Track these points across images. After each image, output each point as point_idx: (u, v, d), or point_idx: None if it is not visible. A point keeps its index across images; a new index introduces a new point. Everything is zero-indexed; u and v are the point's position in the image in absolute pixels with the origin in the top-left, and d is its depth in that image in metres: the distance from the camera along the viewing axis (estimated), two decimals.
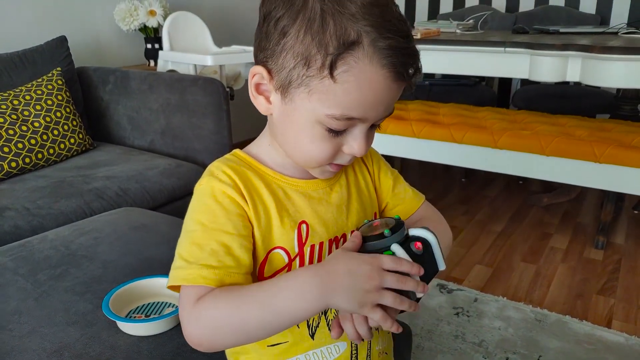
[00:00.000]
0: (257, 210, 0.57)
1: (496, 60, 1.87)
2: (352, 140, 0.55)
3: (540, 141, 1.81)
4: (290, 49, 0.51)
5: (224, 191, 0.56)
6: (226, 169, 0.58)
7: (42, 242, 1.17)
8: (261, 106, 0.57)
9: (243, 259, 0.55)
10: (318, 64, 0.49)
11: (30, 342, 0.84)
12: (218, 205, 0.56)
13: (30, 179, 1.59)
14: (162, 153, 1.90)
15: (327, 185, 0.63)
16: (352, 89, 0.50)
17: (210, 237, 0.54)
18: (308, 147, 0.55)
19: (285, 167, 0.61)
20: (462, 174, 2.79)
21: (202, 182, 0.58)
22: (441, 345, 1.43)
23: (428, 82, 2.80)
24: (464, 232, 2.13)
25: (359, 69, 0.49)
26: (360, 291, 0.49)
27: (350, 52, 0.49)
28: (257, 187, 0.59)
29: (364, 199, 0.66)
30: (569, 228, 2.17)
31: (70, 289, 0.97)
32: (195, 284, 0.52)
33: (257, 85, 0.56)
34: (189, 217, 0.57)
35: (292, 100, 0.53)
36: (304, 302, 0.50)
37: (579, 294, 1.69)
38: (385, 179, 0.70)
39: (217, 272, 0.53)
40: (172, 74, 1.97)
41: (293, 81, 0.52)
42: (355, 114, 0.52)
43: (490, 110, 2.26)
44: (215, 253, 0.53)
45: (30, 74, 1.86)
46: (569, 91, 2.71)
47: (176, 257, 0.55)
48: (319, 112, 0.52)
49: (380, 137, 2.14)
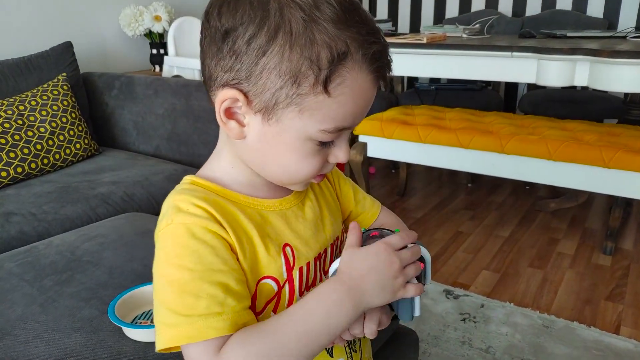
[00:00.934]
0: (240, 240, 0.52)
1: (503, 65, 1.86)
2: (337, 149, 0.54)
3: (548, 146, 1.79)
4: (274, 69, 0.47)
5: (203, 225, 0.50)
6: (196, 201, 0.51)
7: (47, 248, 1.17)
8: (233, 131, 0.51)
9: (243, 293, 0.50)
10: (310, 81, 0.47)
11: (36, 348, 0.84)
12: (200, 243, 0.49)
13: (36, 184, 1.59)
14: (167, 158, 1.90)
15: (299, 201, 0.60)
16: (346, 101, 0.49)
17: (202, 282, 0.47)
18: (298, 164, 0.52)
19: (255, 188, 0.57)
20: (468, 179, 2.77)
21: (170, 221, 0.50)
22: (448, 351, 1.42)
23: (434, 87, 2.80)
24: (470, 238, 2.11)
25: (352, 79, 0.48)
26: (389, 281, 0.50)
27: (343, 63, 0.47)
28: (235, 214, 0.53)
29: (332, 210, 0.65)
30: (576, 233, 2.15)
31: (76, 295, 0.97)
32: (205, 339, 0.46)
33: (227, 109, 0.51)
34: (167, 263, 0.49)
35: (278, 120, 0.49)
36: (342, 317, 0.49)
37: (587, 299, 1.67)
38: (345, 188, 0.69)
39: (227, 318, 0.47)
40: (177, 79, 1.97)
41: (280, 101, 0.48)
42: (347, 124, 0.51)
43: (497, 115, 2.25)
44: (214, 298, 0.47)
45: (36, 80, 1.87)
46: (576, 96, 2.70)
47: (163, 312, 0.48)
48: (311, 128, 0.49)
49: (386, 143, 2.13)
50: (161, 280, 0.49)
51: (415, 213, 2.36)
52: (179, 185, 0.56)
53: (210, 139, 1.85)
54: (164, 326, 0.48)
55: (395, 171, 2.95)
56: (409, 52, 2.02)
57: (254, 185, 0.57)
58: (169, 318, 0.47)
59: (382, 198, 2.56)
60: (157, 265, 0.51)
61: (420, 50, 1.99)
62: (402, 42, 2.05)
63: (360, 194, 0.71)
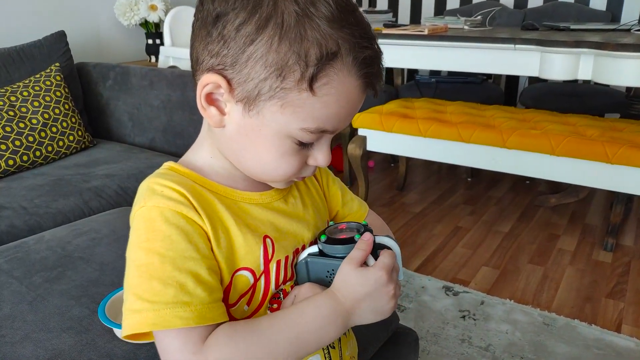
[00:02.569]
0: (215, 229, 0.50)
1: (506, 58, 1.83)
2: (317, 152, 0.52)
3: (550, 141, 1.76)
4: (261, 59, 0.45)
5: (177, 210, 0.48)
6: (172, 184, 0.50)
7: (38, 243, 1.14)
8: (213, 118, 0.50)
9: (214, 285, 0.49)
10: (296, 76, 0.45)
11: (24, 349, 0.81)
12: (173, 228, 0.47)
13: (28, 177, 1.56)
14: (163, 151, 1.87)
15: (281, 197, 0.58)
16: (330, 102, 0.47)
17: (172, 268, 0.46)
18: (275, 162, 0.51)
19: (234, 180, 0.55)
20: (468, 174, 2.75)
21: (143, 203, 0.49)
22: (447, 349, 1.40)
23: (434, 80, 2.76)
24: (470, 233, 2.09)
25: (339, 82, 0.47)
26: (383, 306, 0.52)
27: (331, 63, 0.45)
28: (212, 202, 0.52)
29: (318, 208, 0.63)
30: (577, 229, 2.12)
31: (66, 293, 0.94)
32: (170, 327, 0.45)
33: (209, 95, 0.49)
34: (137, 247, 0.48)
35: (259, 113, 0.48)
36: (333, 332, 0.51)
37: (588, 297, 1.65)
38: (334, 188, 0.68)
39: (194, 309, 0.46)
40: (173, 70, 1.93)
41: (263, 93, 0.47)
42: (329, 127, 0.49)
43: (498, 109, 2.22)
44: (183, 287, 0.46)
45: (29, 70, 1.83)
46: (578, 89, 2.67)
47: (131, 298, 0.46)
48: (292, 125, 0.48)
49: (385, 136, 2.10)
50: (130, 264, 0.48)
51: (414, 207, 2.33)
52: (158, 169, 0.55)
53: None
54: (129, 312, 0.46)
55: (395, 165, 2.92)
56: (410, 43, 1.98)
57: (233, 177, 0.55)
58: (135, 304, 0.46)
59: (381, 192, 2.54)
60: (129, 248, 0.49)
61: (421, 42, 1.96)
62: (402, 33, 2.01)
63: (348, 196, 0.69)
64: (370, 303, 0.52)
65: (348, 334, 0.65)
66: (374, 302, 0.52)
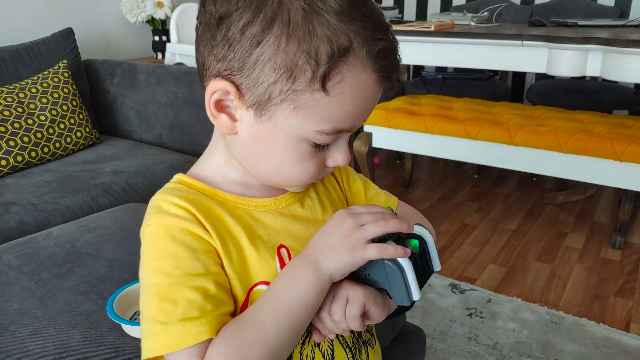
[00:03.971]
0: (225, 244, 0.48)
1: (513, 54, 1.82)
2: (335, 152, 0.50)
3: (559, 138, 1.75)
4: (269, 61, 0.43)
5: (183, 227, 0.47)
6: (178, 201, 0.48)
7: (47, 239, 1.14)
8: (224, 125, 0.48)
9: (224, 299, 0.47)
10: (307, 77, 0.43)
11: (33, 344, 0.81)
12: (179, 246, 0.46)
13: (36, 173, 1.56)
14: (170, 148, 1.87)
15: (296, 200, 0.56)
16: (345, 100, 0.45)
17: (180, 286, 0.45)
18: (292, 167, 0.49)
19: (247, 187, 0.53)
20: (475, 171, 2.74)
21: (149, 222, 0.48)
22: (454, 347, 1.39)
23: (441, 76, 2.75)
24: (476, 231, 2.08)
25: (353, 78, 0.44)
26: (341, 240, 0.47)
27: (344, 59, 0.43)
28: (221, 216, 0.50)
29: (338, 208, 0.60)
30: (584, 227, 2.11)
31: (75, 289, 0.95)
32: (182, 347, 0.44)
33: (218, 102, 0.47)
34: (146, 267, 0.47)
35: (271, 117, 0.46)
36: (304, 285, 0.46)
37: (596, 295, 1.64)
38: (355, 186, 0.64)
39: (205, 321, 0.44)
40: (179, 67, 1.94)
41: (274, 97, 0.44)
42: (346, 125, 0.47)
43: (505, 106, 2.21)
44: (192, 303, 0.44)
45: (37, 67, 1.83)
46: (586, 86, 2.65)
47: (147, 321, 0.46)
48: (307, 128, 0.46)
49: (391, 133, 2.09)
50: (143, 284, 0.47)
51: (420, 205, 2.33)
52: (168, 183, 0.54)
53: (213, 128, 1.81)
54: (145, 335, 0.46)
55: (400, 162, 2.91)
56: (416, 40, 1.97)
57: (246, 184, 0.53)
58: (151, 326, 0.45)
59: (387, 189, 2.49)
60: (140, 268, 0.49)
61: (428, 38, 1.95)
62: (409, 29, 2.00)
63: (372, 190, 0.66)
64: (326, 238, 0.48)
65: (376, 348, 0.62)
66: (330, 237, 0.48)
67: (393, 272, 0.47)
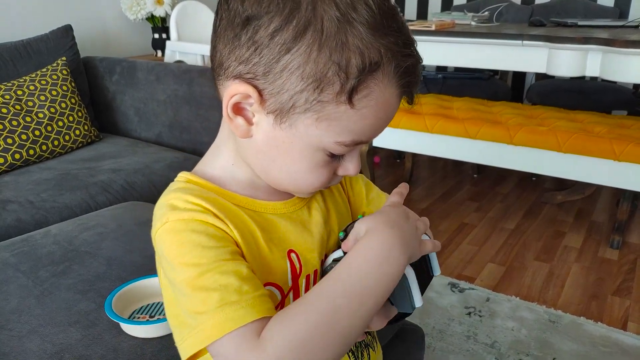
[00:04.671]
0: (245, 238, 0.47)
1: (513, 54, 1.82)
2: (348, 162, 0.50)
3: (558, 138, 1.75)
4: (297, 69, 0.42)
5: (201, 220, 0.45)
6: (192, 199, 0.47)
7: (45, 237, 1.14)
8: (239, 128, 0.47)
9: (258, 282, 0.45)
10: (335, 89, 0.42)
11: (30, 343, 0.81)
12: (202, 236, 0.44)
13: (34, 171, 1.56)
14: (169, 146, 1.87)
15: (304, 205, 0.55)
16: (369, 114, 0.44)
17: (212, 273, 0.43)
18: (306, 174, 0.48)
19: (256, 189, 0.52)
20: (474, 170, 2.74)
21: (165, 219, 0.46)
22: (453, 345, 1.39)
23: (441, 75, 2.74)
24: (476, 230, 2.09)
25: (379, 93, 0.44)
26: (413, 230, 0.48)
27: (373, 74, 0.42)
28: (238, 213, 0.49)
29: (342, 213, 0.60)
30: (583, 226, 2.11)
31: (73, 287, 0.94)
32: (225, 333, 0.41)
33: (236, 104, 0.46)
34: (172, 266, 0.44)
35: (292, 125, 0.45)
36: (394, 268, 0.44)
37: (594, 294, 1.64)
38: (357, 187, 0.64)
39: (245, 304, 0.42)
40: (179, 64, 1.93)
41: (298, 106, 0.43)
42: (364, 138, 0.47)
43: (505, 105, 2.21)
44: (228, 287, 0.42)
45: (35, 64, 1.83)
46: (585, 86, 2.65)
47: (184, 317, 0.43)
48: (327, 139, 0.45)
49: (392, 132, 2.09)
50: (173, 286, 0.45)
51: (419, 204, 2.33)
52: (172, 183, 0.52)
53: (212, 126, 1.81)
54: (188, 328, 0.43)
55: (400, 161, 2.91)
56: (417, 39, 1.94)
57: (255, 185, 0.52)
58: (189, 319, 0.43)
59: (386, 188, 2.50)
60: (165, 273, 0.46)
61: (429, 37, 1.94)
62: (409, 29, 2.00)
63: (373, 192, 0.65)
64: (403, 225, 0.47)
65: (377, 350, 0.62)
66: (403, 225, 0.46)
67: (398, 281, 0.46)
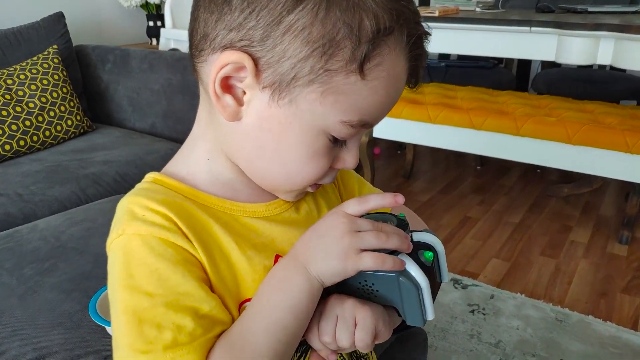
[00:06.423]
0: (211, 257, 0.42)
1: (520, 41, 1.75)
2: (346, 152, 0.44)
3: (567, 129, 1.69)
4: (302, 32, 0.36)
5: (163, 237, 0.40)
6: (154, 205, 0.41)
7: (31, 232, 1.09)
8: (227, 109, 0.40)
9: (217, 316, 0.40)
10: (346, 55, 0.37)
11: (10, 347, 0.77)
12: (160, 260, 0.39)
13: (24, 162, 1.51)
14: (163, 137, 1.81)
15: (290, 205, 0.49)
16: (379, 88, 0.39)
17: (165, 308, 0.38)
18: (302, 163, 0.42)
19: (234, 189, 0.46)
20: (477, 162, 2.68)
21: (120, 230, 0.41)
22: (455, 345, 1.35)
23: (444, 64, 2.68)
24: (479, 224, 2.03)
25: (391, 63, 0.39)
26: (333, 243, 0.41)
27: (386, 40, 0.37)
28: (206, 223, 0.43)
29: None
30: (590, 221, 2.06)
31: (57, 286, 0.90)
32: None
33: (225, 79, 0.40)
34: (120, 286, 0.39)
35: (292, 102, 0.39)
36: (296, 292, 0.40)
37: (603, 292, 1.59)
38: (350, 183, 0.58)
39: (196, 346, 0.38)
40: (173, 52, 1.87)
41: (301, 76, 0.37)
42: (370, 119, 0.41)
43: (511, 95, 2.14)
44: (181, 328, 0.38)
45: (26, 52, 1.77)
46: (594, 75, 2.58)
47: (123, 351, 0.38)
48: (332, 118, 0.39)
49: (393, 122, 2.03)
50: (115, 307, 0.40)
51: (421, 196, 2.27)
52: (139, 183, 0.46)
53: None
54: None
55: (401, 152, 2.85)
56: None
57: (232, 185, 0.46)
58: (129, 355, 0.38)
59: (387, 180, 2.47)
60: (110, 287, 0.41)
61: (432, 24, 1.84)
62: None
63: (366, 189, 0.59)
64: (317, 240, 0.42)
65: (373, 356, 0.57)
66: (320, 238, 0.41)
67: (408, 290, 0.41)
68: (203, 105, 0.47)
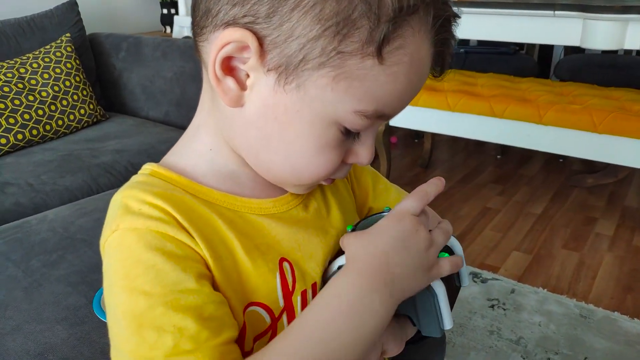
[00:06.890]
0: (216, 253, 0.38)
1: (544, 26, 1.67)
2: (361, 146, 0.40)
3: (593, 117, 1.62)
4: (313, 8, 0.32)
5: (161, 231, 0.36)
6: (150, 198, 0.37)
7: (40, 223, 1.08)
8: (229, 93, 0.37)
9: (224, 319, 0.36)
10: (362, 35, 0.33)
11: (13, 342, 0.75)
12: (158, 255, 0.35)
13: (37, 152, 1.50)
14: (176, 125, 1.79)
15: (300, 201, 0.45)
16: (399, 75, 0.35)
17: (165, 308, 0.34)
18: (310, 157, 0.38)
19: (238, 183, 0.42)
20: (497, 151, 2.60)
21: (114, 226, 0.37)
22: (474, 341, 1.30)
23: (463, 50, 2.60)
24: (499, 215, 1.97)
25: (415, 46, 0.34)
26: (421, 254, 0.37)
27: (408, 20, 0.33)
28: (209, 217, 0.39)
29: (347, 209, 0.49)
30: (615, 212, 1.98)
31: (64, 279, 0.88)
32: None
33: (227, 60, 0.36)
34: (116, 286, 0.36)
35: (300, 87, 0.35)
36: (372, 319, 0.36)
37: (629, 287, 1.53)
38: (364, 178, 0.54)
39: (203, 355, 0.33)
40: (186, 40, 1.84)
41: (310, 59, 0.34)
42: (389, 109, 0.37)
43: (533, 82, 2.06)
44: (183, 331, 0.34)
45: (39, 41, 1.76)
46: (618, 61, 2.48)
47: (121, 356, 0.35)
48: (344, 107, 0.35)
49: (410, 110, 1.97)
50: (112, 310, 0.37)
51: None
52: (134, 176, 0.43)
53: None
54: None
55: (419, 141, 2.79)
56: None
57: (237, 179, 0.42)
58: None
59: (404, 170, 2.42)
60: (106, 289, 0.38)
61: None
62: None
63: (381, 184, 0.55)
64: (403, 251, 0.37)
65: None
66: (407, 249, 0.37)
67: (424, 299, 0.37)
68: (206, 90, 0.43)
